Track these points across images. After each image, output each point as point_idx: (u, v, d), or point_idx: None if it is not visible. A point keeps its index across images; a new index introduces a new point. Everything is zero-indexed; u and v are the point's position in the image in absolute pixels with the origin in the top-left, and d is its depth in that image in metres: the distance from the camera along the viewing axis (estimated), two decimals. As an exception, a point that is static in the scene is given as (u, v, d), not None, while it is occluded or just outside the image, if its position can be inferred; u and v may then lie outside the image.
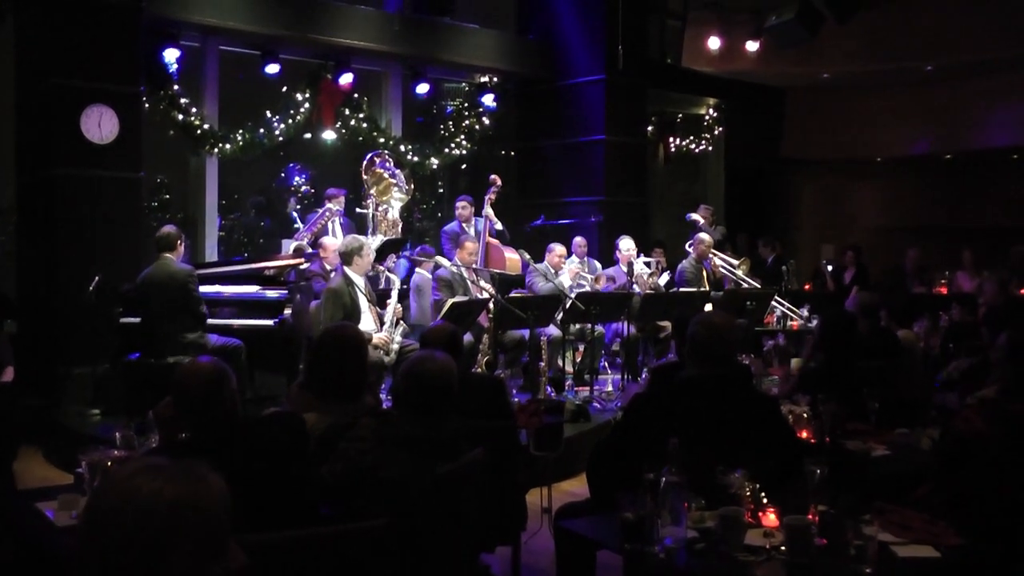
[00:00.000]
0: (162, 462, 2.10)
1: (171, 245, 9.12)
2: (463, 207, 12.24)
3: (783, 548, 3.72)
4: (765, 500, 4.00)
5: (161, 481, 2.03)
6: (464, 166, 16.02)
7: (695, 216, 14.17)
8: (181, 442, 4.17)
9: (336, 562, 3.52)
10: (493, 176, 12.45)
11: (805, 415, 5.58)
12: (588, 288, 11.36)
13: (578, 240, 12.49)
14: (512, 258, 12.01)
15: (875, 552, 3.58)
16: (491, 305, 10.18)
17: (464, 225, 12.12)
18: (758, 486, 4.04)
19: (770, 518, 3.92)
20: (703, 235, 13.06)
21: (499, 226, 12.34)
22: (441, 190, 16.93)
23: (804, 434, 5.42)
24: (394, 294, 9.62)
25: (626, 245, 12.11)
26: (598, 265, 12.53)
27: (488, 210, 12.18)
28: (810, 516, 3.84)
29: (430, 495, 4.02)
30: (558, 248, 11.49)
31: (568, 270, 11.34)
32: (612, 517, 3.98)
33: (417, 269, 11.22)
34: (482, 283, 10.57)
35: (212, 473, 2.12)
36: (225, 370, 4.07)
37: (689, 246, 13.10)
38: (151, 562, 1.97)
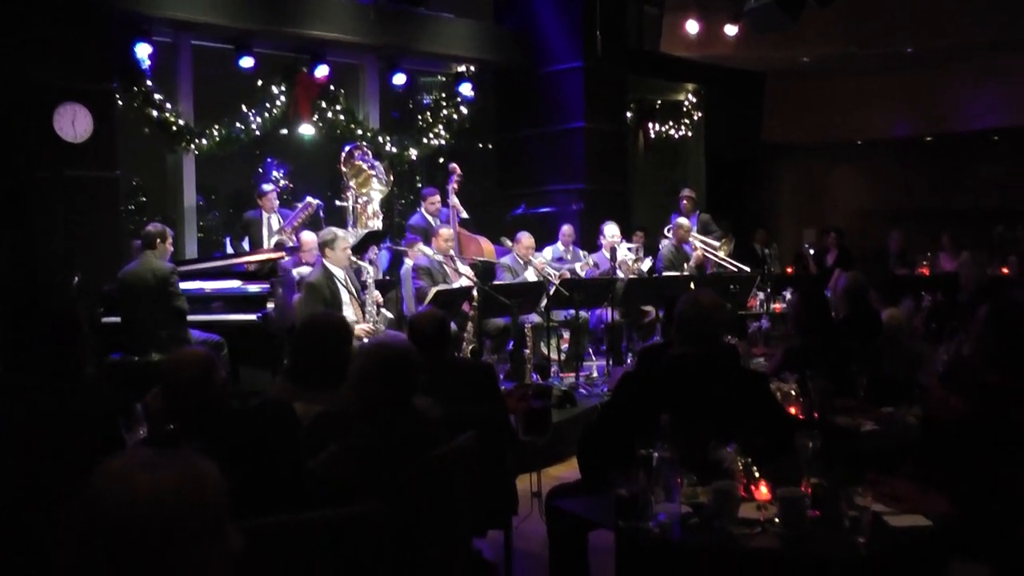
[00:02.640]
0: (153, 454, 2.07)
1: (152, 243, 9.10)
2: (433, 201, 12.18)
3: (777, 520, 3.70)
4: (757, 474, 3.97)
5: (161, 468, 2.01)
6: (442, 159, 15.97)
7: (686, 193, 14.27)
8: (170, 433, 4.13)
9: (328, 548, 3.49)
10: (452, 164, 12.43)
11: (793, 392, 5.56)
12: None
13: (565, 228, 12.47)
14: (487, 247, 12.00)
15: (869, 522, 3.57)
16: (474, 293, 10.17)
17: (430, 218, 12.05)
18: (750, 460, 4.02)
19: (763, 491, 3.90)
20: (682, 219, 13.10)
21: (464, 215, 12.32)
22: (419, 184, 16.89)
23: (793, 411, 5.41)
24: (370, 282, 9.62)
25: (611, 231, 12.06)
26: (582, 253, 12.50)
27: (454, 199, 12.14)
28: (803, 489, 3.82)
29: (422, 480, 3.98)
30: (525, 239, 11.37)
31: (535, 263, 11.23)
32: (604, 496, 3.96)
33: (406, 260, 11.20)
34: (460, 268, 10.55)
35: (203, 458, 2.10)
36: (214, 359, 4.04)
37: (668, 231, 13.12)
38: (157, 551, 1.95)
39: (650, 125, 17.79)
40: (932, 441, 4.78)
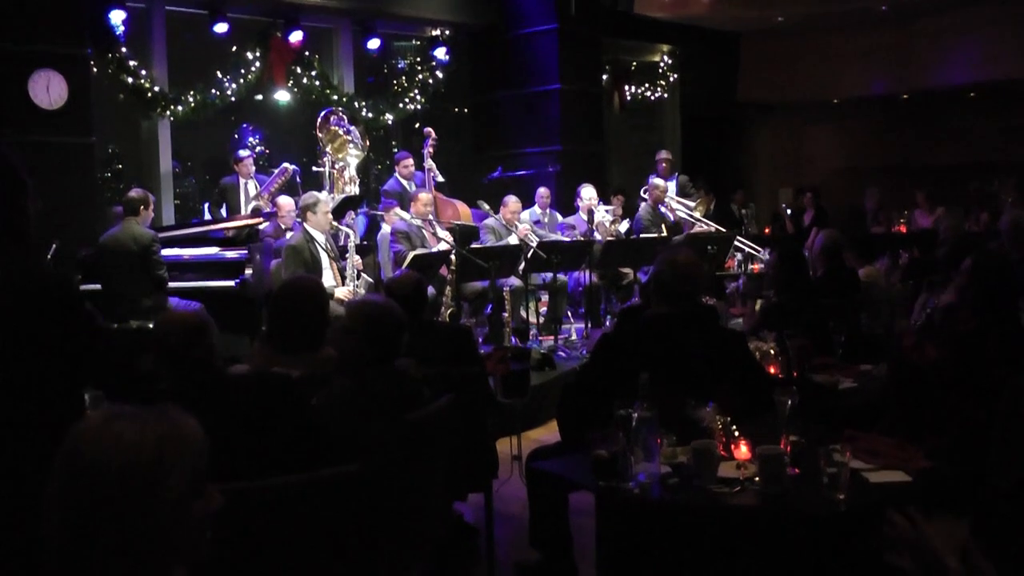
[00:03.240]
0: (135, 409, 2.08)
1: (134, 209, 9.08)
2: (407, 164, 12.16)
3: (756, 478, 3.73)
4: (736, 432, 3.99)
5: (141, 424, 2.02)
6: (417, 124, 15.91)
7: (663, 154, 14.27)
8: (159, 393, 4.11)
9: (309, 510, 3.49)
10: (427, 128, 12.41)
11: (772, 351, 5.59)
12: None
13: (541, 191, 12.48)
14: (464, 211, 11.99)
15: (847, 479, 3.60)
16: (452, 256, 10.17)
17: (405, 182, 12.03)
18: (729, 419, 4.04)
19: (742, 450, 3.91)
20: (657, 180, 13.08)
21: (440, 178, 12.32)
22: (395, 148, 16.83)
23: (772, 369, 5.43)
24: (351, 246, 9.63)
25: (588, 193, 12.08)
26: (559, 216, 12.51)
27: (429, 163, 12.13)
28: (781, 446, 3.84)
29: (402, 443, 3.99)
30: (512, 203, 11.37)
31: (519, 229, 11.21)
32: (584, 457, 3.97)
33: (383, 224, 11.19)
34: (440, 233, 10.55)
35: (186, 415, 2.11)
36: (207, 319, 4.01)
37: (644, 192, 13.12)
38: (140, 505, 1.96)
39: (626, 87, 17.74)
40: (902, 391, 4.82)
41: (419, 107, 14.47)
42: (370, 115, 13.74)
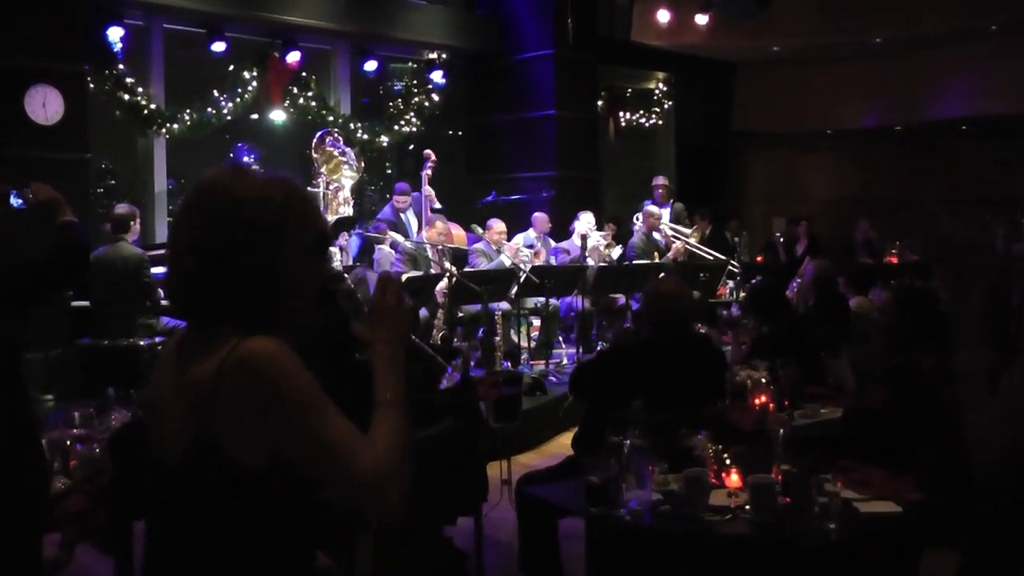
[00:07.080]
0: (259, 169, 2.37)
1: (125, 226, 9.06)
2: (403, 201, 12.17)
3: (747, 507, 3.73)
4: (728, 461, 4.00)
5: (268, 180, 2.26)
6: (412, 146, 15.94)
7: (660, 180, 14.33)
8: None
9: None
10: (427, 151, 12.43)
11: (763, 379, 5.59)
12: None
13: (541, 216, 12.49)
14: (458, 234, 12.01)
15: (839, 509, 3.60)
16: (445, 280, 10.18)
17: (400, 214, 12.06)
18: (721, 447, 4.05)
19: (733, 478, 3.92)
20: (651, 207, 13.12)
21: (437, 205, 12.31)
22: (389, 170, 16.86)
23: (763, 398, 5.43)
24: (336, 267, 9.67)
25: (586, 219, 12.16)
26: (551, 241, 12.52)
27: (427, 188, 12.13)
28: (773, 475, 3.84)
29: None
30: (497, 225, 11.43)
31: (507, 247, 11.23)
32: (574, 483, 3.98)
33: (377, 246, 11.19)
34: (446, 265, 10.56)
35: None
36: None
37: (637, 218, 13.15)
38: (266, 248, 2.19)
39: (621, 113, 17.80)
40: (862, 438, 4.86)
41: (415, 130, 14.50)
42: (366, 137, 13.77)
